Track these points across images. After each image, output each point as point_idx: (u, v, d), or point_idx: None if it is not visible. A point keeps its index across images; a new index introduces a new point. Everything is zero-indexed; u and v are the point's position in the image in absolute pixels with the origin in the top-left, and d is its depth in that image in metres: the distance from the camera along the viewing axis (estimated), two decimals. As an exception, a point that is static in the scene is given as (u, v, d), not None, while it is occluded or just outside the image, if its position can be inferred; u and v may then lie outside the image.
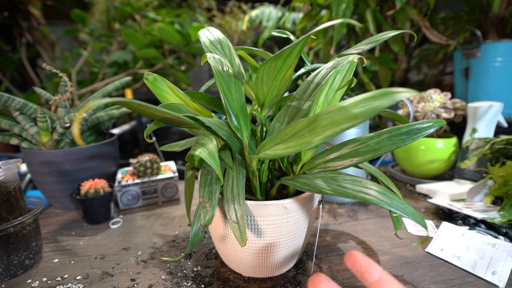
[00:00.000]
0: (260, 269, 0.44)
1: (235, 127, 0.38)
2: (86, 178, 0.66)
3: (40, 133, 0.64)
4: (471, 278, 0.44)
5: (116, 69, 1.64)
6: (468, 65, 1.05)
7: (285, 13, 1.50)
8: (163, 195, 0.74)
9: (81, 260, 0.51)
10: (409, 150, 0.82)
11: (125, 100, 0.29)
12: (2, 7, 1.43)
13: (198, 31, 0.46)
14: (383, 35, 0.42)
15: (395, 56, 1.54)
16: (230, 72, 0.38)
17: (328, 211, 0.68)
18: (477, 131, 0.78)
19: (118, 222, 0.64)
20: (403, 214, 0.29)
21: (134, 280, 0.45)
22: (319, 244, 0.54)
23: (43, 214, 0.69)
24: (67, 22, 2.09)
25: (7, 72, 1.68)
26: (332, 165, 0.38)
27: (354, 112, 0.23)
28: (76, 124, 0.27)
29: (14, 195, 0.48)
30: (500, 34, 1.09)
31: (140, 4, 1.57)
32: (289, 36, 0.48)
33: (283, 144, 0.30)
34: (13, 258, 0.46)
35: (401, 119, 0.44)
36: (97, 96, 0.71)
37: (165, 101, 0.42)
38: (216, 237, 0.45)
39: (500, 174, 0.61)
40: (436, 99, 0.83)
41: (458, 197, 0.68)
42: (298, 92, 0.41)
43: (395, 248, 0.53)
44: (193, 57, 1.58)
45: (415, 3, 1.25)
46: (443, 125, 0.35)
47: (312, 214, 0.44)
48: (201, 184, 0.36)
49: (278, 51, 0.34)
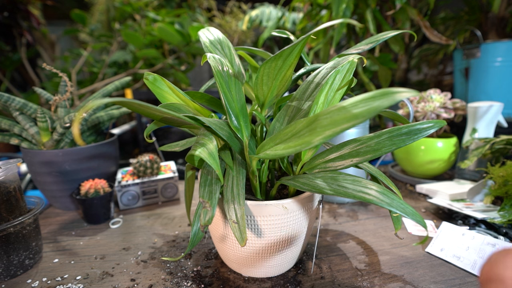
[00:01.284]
0: (260, 269, 0.44)
1: (235, 127, 0.38)
2: (86, 178, 0.66)
3: (40, 133, 0.64)
4: (471, 278, 0.44)
5: (116, 69, 1.64)
6: (468, 65, 1.05)
7: (285, 13, 1.50)
8: (163, 195, 0.74)
9: (81, 260, 0.51)
10: (409, 150, 0.82)
11: (125, 100, 0.29)
12: (2, 7, 1.43)
13: (198, 31, 0.46)
14: (383, 35, 0.42)
15: (395, 56, 1.54)
16: (230, 72, 0.38)
17: (328, 211, 0.68)
18: (477, 131, 0.78)
19: (118, 222, 0.64)
20: (403, 214, 0.29)
21: (134, 280, 0.45)
22: (319, 244, 0.54)
23: (43, 214, 0.69)
24: (67, 22, 2.09)
25: (7, 72, 1.68)
26: (332, 165, 0.38)
27: (354, 112, 0.23)
28: (76, 124, 0.27)
29: (14, 195, 0.48)
30: (500, 34, 1.09)
31: (140, 4, 1.57)
32: (289, 36, 0.48)
33: (283, 144, 0.30)
34: (13, 258, 0.46)
35: (401, 119, 0.44)
36: (97, 96, 0.71)
37: (165, 101, 0.42)
38: (216, 237, 0.45)
39: (500, 174, 0.61)
40: (436, 99, 0.83)
41: (458, 197, 0.68)
42: (298, 92, 0.41)
43: (395, 248, 0.53)
44: (193, 57, 1.58)
45: (415, 3, 1.25)
46: (443, 126, 0.35)
47: (312, 214, 0.44)
48: (201, 184, 0.36)
49: (278, 51, 0.34)
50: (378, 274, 0.46)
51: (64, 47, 2.13)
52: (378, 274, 0.46)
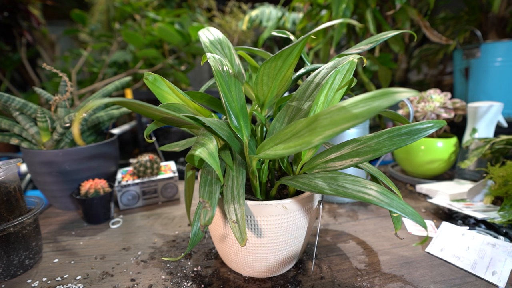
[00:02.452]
0: (260, 269, 0.44)
1: (235, 127, 0.38)
2: (86, 178, 0.66)
3: (40, 133, 0.64)
4: (471, 278, 0.44)
5: (116, 69, 1.64)
6: (468, 65, 1.05)
7: (285, 13, 1.50)
8: (163, 195, 0.74)
9: (81, 260, 0.51)
10: (409, 150, 0.82)
11: (125, 100, 0.29)
12: (2, 7, 1.43)
13: (198, 31, 0.46)
14: (383, 35, 0.42)
15: (395, 56, 1.54)
16: (230, 72, 0.38)
17: (328, 211, 0.68)
18: (477, 131, 0.78)
19: (118, 222, 0.64)
20: (403, 214, 0.29)
21: (134, 280, 0.45)
22: (319, 244, 0.54)
23: (43, 214, 0.69)
24: (67, 22, 2.09)
25: (7, 72, 1.68)
26: (332, 165, 0.38)
27: (354, 112, 0.23)
28: (76, 124, 0.27)
29: (14, 195, 0.48)
30: (500, 34, 1.09)
31: (140, 4, 1.57)
32: (289, 36, 0.48)
33: (283, 144, 0.30)
34: (13, 258, 0.46)
35: (401, 119, 0.44)
36: (97, 96, 0.71)
37: (165, 101, 0.42)
38: (216, 237, 0.45)
39: (500, 174, 0.61)
40: (436, 99, 0.83)
41: (458, 197, 0.68)
42: (298, 92, 0.41)
43: (395, 248, 0.53)
44: (193, 57, 1.58)
45: (415, 3, 1.25)
46: (443, 126, 0.35)
47: (312, 214, 0.44)
48: (201, 184, 0.36)
49: (278, 51, 0.34)
50: (378, 274, 0.46)
51: (64, 47, 2.13)
52: (378, 274, 0.46)
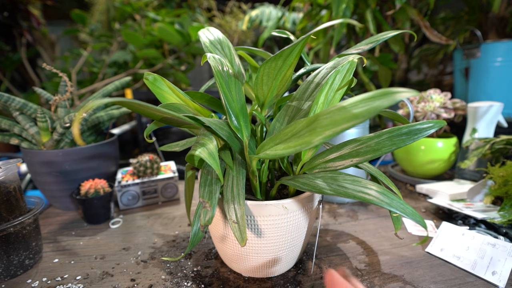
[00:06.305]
0: (260, 269, 0.44)
1: (235, 127, 0.38)
2: (86, 178, 0.66)
3: (40, 133, 0.64)
4: (471, 278, 0.44)
5: (116, 69, 1.64)
6: (468, 65, 1.05)
7: (285, 13, 1.50)
8: (163, 195, 0.74)
9: (81, 260, 0.51)
10: (409, 150, 0.82)
11: (125, 100, 0.29)
12: (2, 7, 1.43)
13: (198, 31, 0.46)
14: (383, 35, 0.42)
15: (395, 56, 1.54)
16: (230, 72, 0.38)
17: (328, 211, 0.68)
18: (477, 131, 0.78)
19: (118, 222, 0.64)
20: (403, 214, 0.29)
21: (134, 280, 0.45)
22: (319, 244, 0.54)
23: (43, 214, 0.69)
24: (67, 22, 2.09)
25: (7, 72, 1.68)
26: (332, 165, 0.38)
27: (354, 112, 0.23)
28: (76, 124, 0.27)
29: (14, 195, 0.48)
30: (500, 34, 1.09)
31: (140, 4, 1.57)
32: (289, 36, 0.48)
33: (283, 144, 0.30)
34: (13, 258, 0.46)
35: (401, 119, 0.44)
36: (97, 96, 0.71)
37: (165, 101, 0.42)
38: (216, 237, 0.45)
39: (500, 174, 0.61)
40: (436, 99, 0.83)
41: (458, 197, 0.68)
42: (298, 92, 0.41)
43: (395, 248, 0.53)
44: (193, 57, 1.58)
45: (415, 3, 1.25)
46: (443, 126, 0.35)
47: (312, 214, 0.44)
48: (201, 184, 0.36)
49: (278, 51, 0.34)
50: (378, 274, 0.46)
51: (64, 47, 2.13)
52: (378, 274, 0.46)
